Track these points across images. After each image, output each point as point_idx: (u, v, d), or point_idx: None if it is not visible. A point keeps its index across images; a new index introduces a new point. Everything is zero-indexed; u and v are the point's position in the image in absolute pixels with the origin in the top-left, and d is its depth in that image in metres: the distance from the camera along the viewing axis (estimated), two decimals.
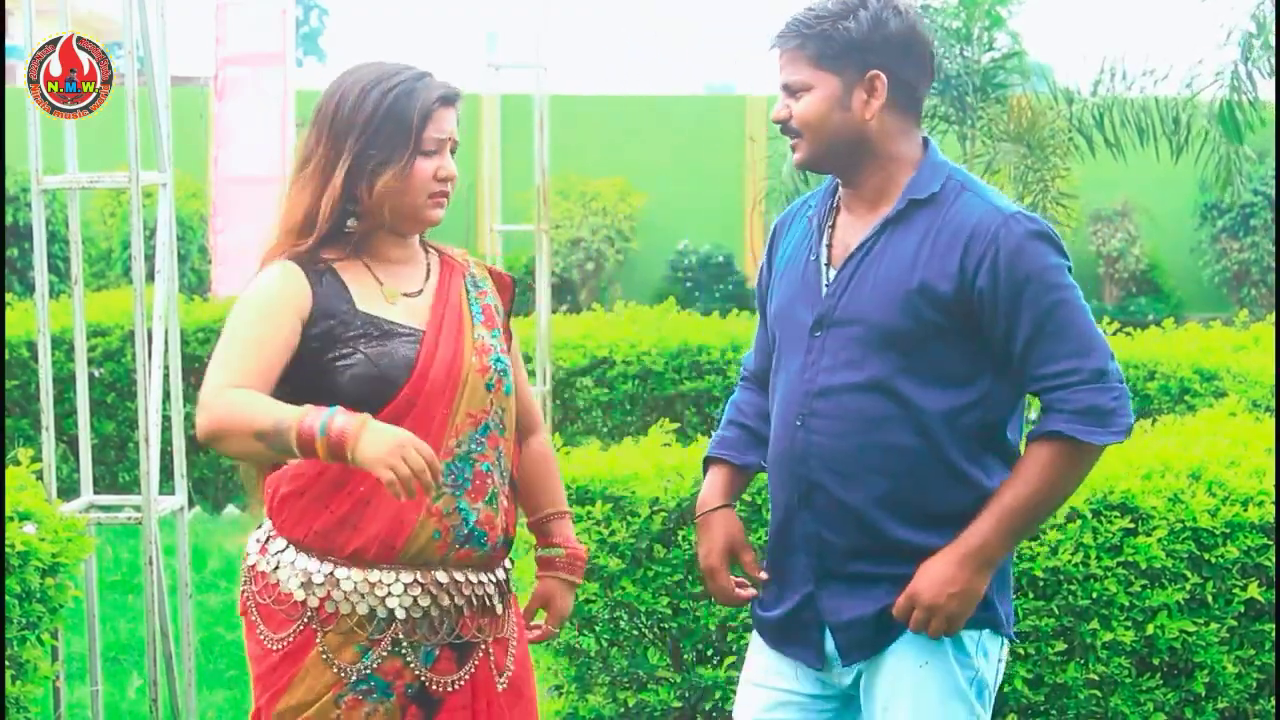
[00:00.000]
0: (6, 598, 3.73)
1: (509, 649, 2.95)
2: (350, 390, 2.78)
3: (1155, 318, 14.21)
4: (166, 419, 5.48)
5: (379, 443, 2.61)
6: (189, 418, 8.38)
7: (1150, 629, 3.96)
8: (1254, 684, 4.06)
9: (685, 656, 4.10)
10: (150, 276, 4.74)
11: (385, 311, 2.86)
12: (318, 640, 2.81)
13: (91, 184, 4.67)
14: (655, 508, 4.01)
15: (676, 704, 4.07)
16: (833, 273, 2.89)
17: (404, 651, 2.82)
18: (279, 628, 2.83)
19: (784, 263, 3.00)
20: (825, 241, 2.93)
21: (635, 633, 4.11)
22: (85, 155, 4.88)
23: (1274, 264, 15.16)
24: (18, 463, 4.11)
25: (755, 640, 3.05)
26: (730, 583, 3.01)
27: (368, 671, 2.81)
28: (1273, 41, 7.83)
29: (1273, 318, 8.20)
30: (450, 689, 2.85)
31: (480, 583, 2.89)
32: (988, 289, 2.76)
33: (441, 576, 2.85)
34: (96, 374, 8.48)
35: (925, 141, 2.95)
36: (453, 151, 2.89)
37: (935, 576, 2.78)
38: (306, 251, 2.85)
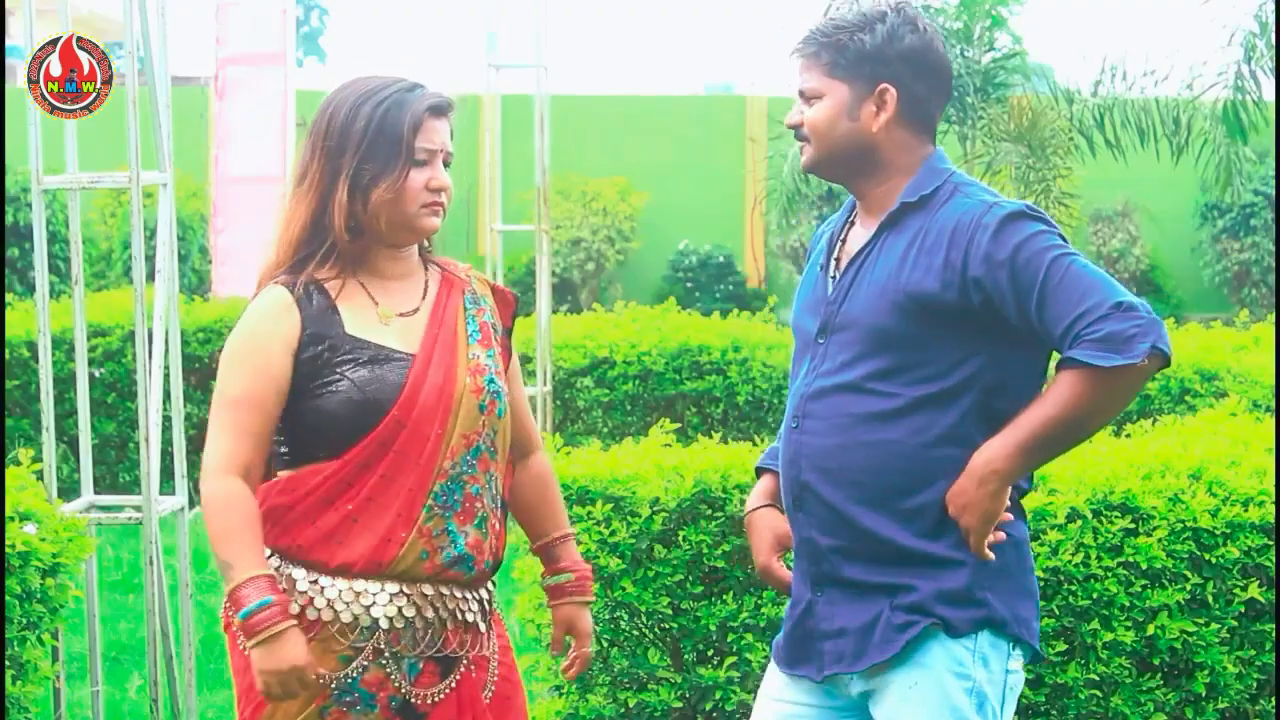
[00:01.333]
0: (7, 598, 3.73)
1: (489, 667, 2.94)
2: (337, 415, 2.80)
3: None
4: (167, 419, 5.48)
5: (274, 660, 2.71)
6: (189, 418, 8.38)
7: (1151, 629, 3.96)
8: (1254, 684, 4.06)
9: (685, 656, 4.10)
10: (150, 277, 4.74)
11: (377, 334, 2.86)
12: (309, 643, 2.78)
13: (92, 184, 4.67)
14: (655, 508, 4.01)
15: (677, 704, 4.07)
16: (835, 280, 2.94)
17: (385, 663, 2.81)
18: None
19: (805, 275, 3.07)
20: (835, 254, 2.99)
21: (635, 633, 4.11)
22: (85, 155, 4.88)
23: (1274, 264, 15.16)
24: (18, 463, 4.11)
25: (772, 659, 3.07)
26: (785, 574, 3.03)
27: (350, 681, 2.79)
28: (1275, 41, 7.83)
29: (1273, 318, 8.20)
30: (433, 701, 2.85)
31: (464, 598, 2.89)
32: (984, 275, 2.78)
33: (427, 589, 2.84)
34: (97, 374, 8.48)
35: (933, 150, 2.98)
36: (446, 164, 2.89)
37: (948, 494, 2.80)
38: (301, 271, 2.87)
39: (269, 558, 2.82)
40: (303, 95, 12.21)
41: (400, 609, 2.82)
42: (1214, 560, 3.97)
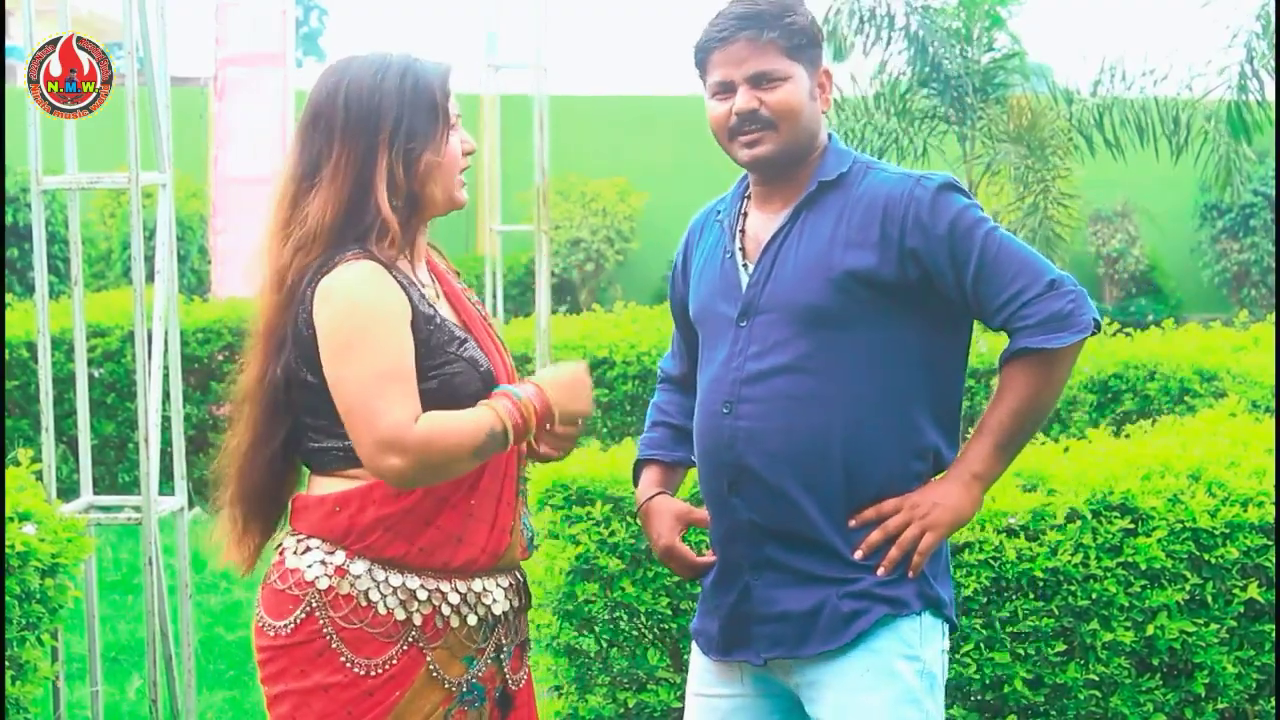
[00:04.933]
0: (6, 598, 3.73)
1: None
2: (465, 397, 2.70)
3: (1155, 318, 14.23)
4: (166, 420, 5.48)
5: (570, 393, 2.75)
6: (189, 418, 8.38)
7: (1150, 629, 3.96)
8: (1254, 684, 4.05)
9: (685, 657, 4.10)
10: (150, 277, 4.74)
11: (444, 312, 2.78)
12: (428, 657, 2.70)
13: (91, 184, 4.67)
14: None
15: (676, 704, 4.07)
16: (751, 265, 2.92)
17: (498, 656, 2.81)
18: (377, 652, 2.68)
19: (700, 265, 3.04)
20: (739, 243, 2.97)
21: (635, 633, 4.11)
22: (85, 155, 4.88)
23: (1274, 264, 15.17)
24: (18, 463, 4.11)
25: (695, 650, 3.05)
26: (690, 554, 3.01)
27: (472, 681, 2.76)
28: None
29: (1273, 318, 8.20)
30: (519, 687, 2.87)
31: (524, 580, 2.93)
32: (921, 247, 2.81)
33: (518, 575, 2.88)
34: (96, 374, 8.48)
35: (829, 134, 3.01)
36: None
37: (929, 491, 2.84)
38: (376, 254, 2.70)
39: (369, 570, 2.69)
40: (302, 96, 12.21)
41: (510, 600, 2.82)
42: (1213, 560, 3.97)
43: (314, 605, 2.68)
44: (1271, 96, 8.04)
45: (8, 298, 11.36)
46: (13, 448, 7.70)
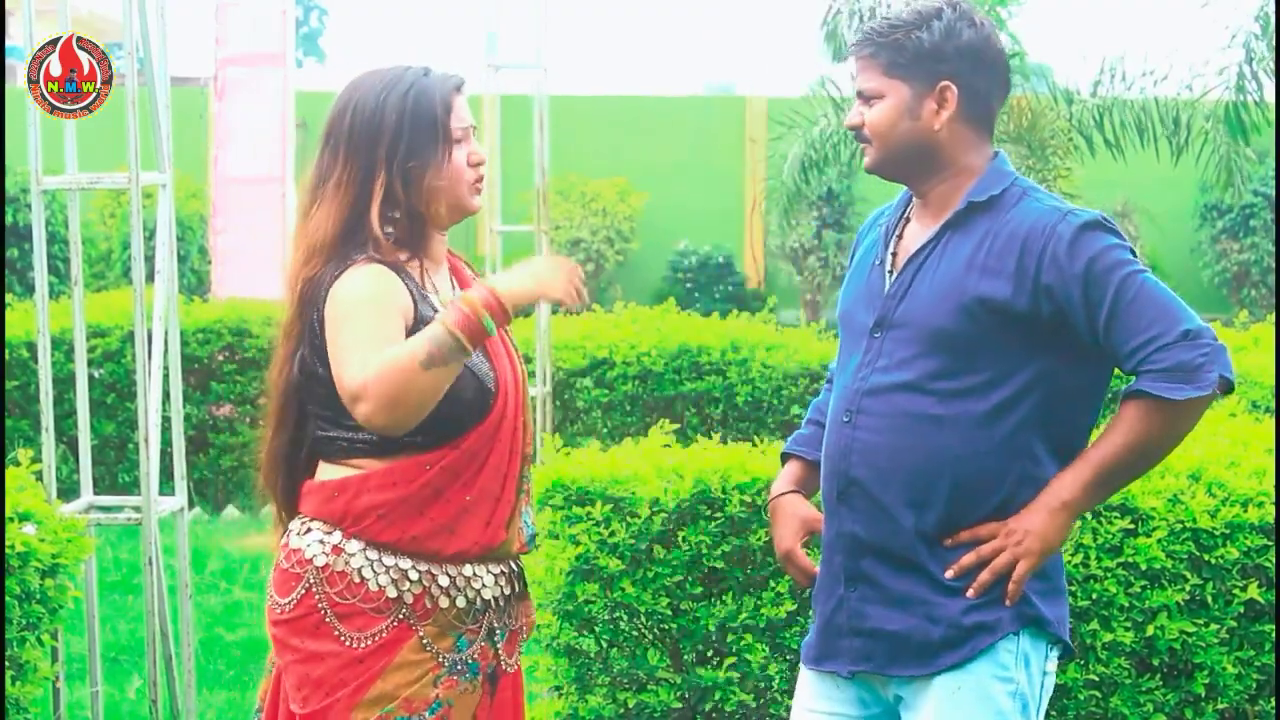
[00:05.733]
0: (6, 598, 3.73)
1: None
2: (466, 397, 2.81)
3: None
4: (166, 420, 5.48)
5: (529, 277, 2.75)
6: (189, 418, 8.38)
7: (1150, 630, 3.96)
8: (1254, 685, 4.05)
9: (685, 657, 4.10)
10: (150, 277, 4.74)
11: None
12: (419, 631, 2.84)
13: (91, 184, 4.67)
14: (655, 508, 4.01)
15: (676, 704, 4.07)
16: (894, 276, 2.92)
17: (494, 637, 2.93)
18: (366, 625, 2.83)
19: (855, 267, 3.06)
20: (891, 249, 2.97)
21: (635, 633, 4.11)
22: (85, 155, 4.87)
23: (1274, 265, 15.16)
24: (18, 463, 4.11)
25: (804, 666, 3.07)
26: (808, 562, 3.03)
27: (466, 659, 2.89)
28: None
29: (1273, 318, 8.20)
30: (507, 670, 2.98)
31: (523, 569, 3.04)
32: (1056, 284, 2.78)
33: (514, 565, 2.98)
34: (96, 375, 8.47)
35: (996, 153, 2.97)
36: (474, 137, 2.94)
37: (1022, 518, 2.80)
38: (389, 254, 2.84)
39: (364, 549, 2.82)
40: (302, 96, 12.20)
41: (502, 587, 2.93)
42: (1213, 561, 3.97)
43: (312, 582, 2.85)
44: (1271, 97, 8.04)
45: (8, 298, 11.36)
46: (13, 448, 7.69)
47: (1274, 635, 4.01)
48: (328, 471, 2.89)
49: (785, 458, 3.16)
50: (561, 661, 4.14)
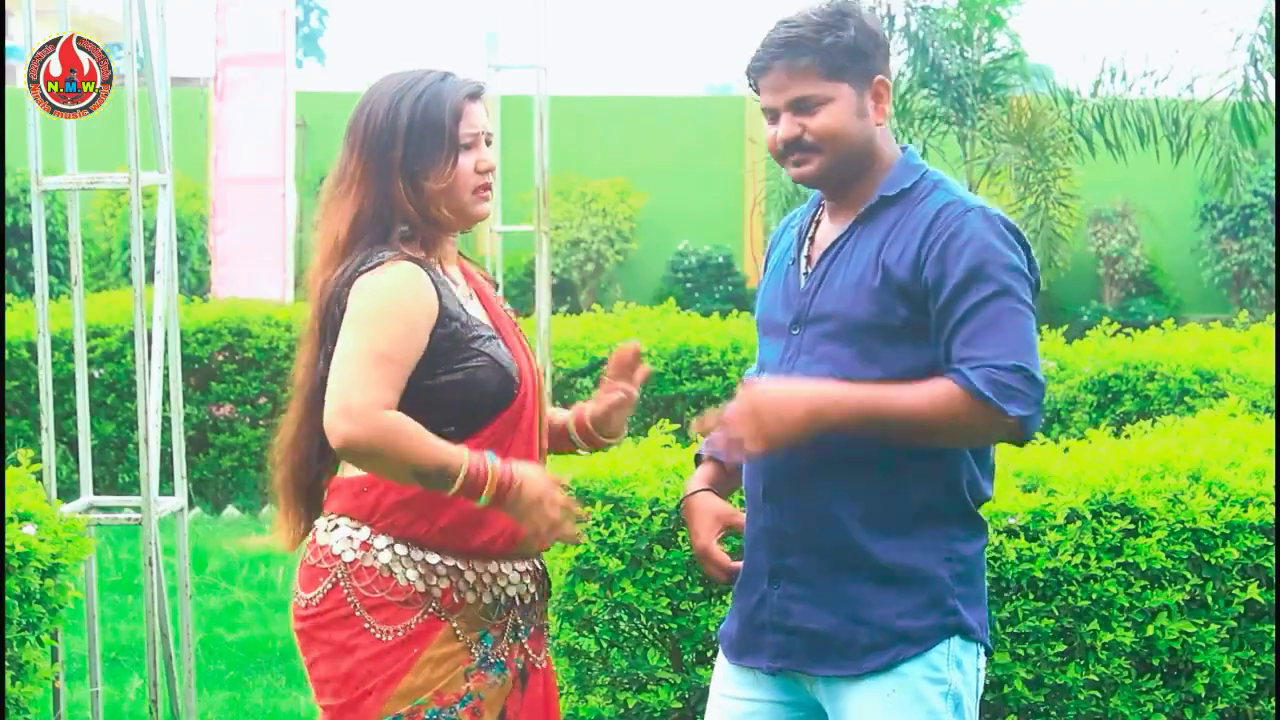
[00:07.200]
0: (6, 598, 3.72)
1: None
2: (484, 390, 2.85)
3: (1155, 319, 14.23)
4: (166, 420, 5.48)
5: (533, 493, 2.78)
6: (189, 419, 8.38)
7: (1150, 630, 3.96)
8: (1254, 685, 4.05)
9: (685, 657, 4.10)
10: (150, 277, 4.74)
11: (476, 311, 2.94)
12: (451, 622, 2.86)
13: (91, 185, 4.67)
14: (655, 508, 4.01)
15: (676, 705, 4.07)
16: (809, 273, 2.93)
17: (520, 634, 2.95)
18: (395, 618, 2.84)
19: (770, 272, 3.07)
20: (805, 251, 2.98)
21: (635, 633, 4.11)
22: (85, 156, 4.88)
23: (1274, 265, 15.17)
24: (18, 464, 4.11)
25: (720, 652, 3.06)
26: (725, 557, 3.02)
27: (489, 654, 2.91)
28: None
29: (1273, 318, 8.20)
30: (537, 666, 3.00)
31: (546, 568, 3.06)
32: (934, 277, 2.76)
33: (538, 563, 3.01)
34: (96, 375, 8.48)
35: (904, 147, 2.98)
36: (488, 144, 2.96)
37: (776, 396, 2.73)
38: (413, 254, 2.87)
39: (392, 544, 2.86)
40: (302, 96, 12.21)
41: (528, 585, 2.96)
42: (1213, 561, 3.97)
43: (339, 577, 2.86)
44: (1272, 98, 8.05)
45: (8, 298, 11.35)
46: (13, 448, 7.69)
47: (1274, 635, 4.01)
48: (354, 468, 2.91)
49: (699, 460, 3.15)
50: (561, 661, 4.14)
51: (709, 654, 4.12)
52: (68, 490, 5.25)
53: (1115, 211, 16.06)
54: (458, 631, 2.87)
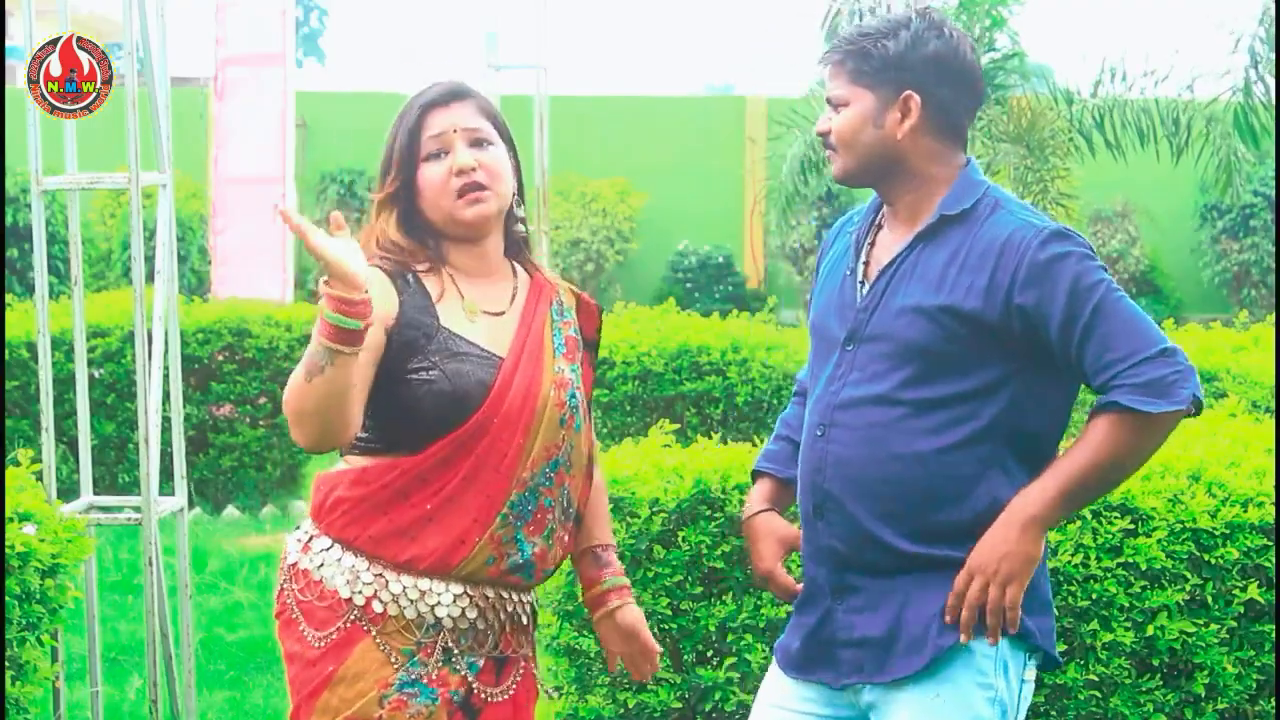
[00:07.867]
0: (6, 598, 3.73)
1: (534, 665, 3.02)
2: (426, 405, 2.81)
3: (1155, 318, 14.22)
4: (166, 420, 5.48)
5: (337, 272, 2.67)
6: (189, 418, 8.38)
7: (1150, 630, 3.96)
8: (1254, 685, 4.05)
9: (685, 657, 4.10)
10: (150, 277, 4.74)
11: (466, 329, 2.88)
12: (373, 634, 2.81)
13: (91, 185, 4.67)
14: (655, 509, 4.01)
15: (676, 705, 4.07)
16: (866, 288, 2.91)
17: (449, 660, 2.85)
18: (322, 625, 2.84)
19: (824, 277, 3.04)
20: (863, 258, 2.96)
21: None
22: (85, 156, 4.88)
23: (1274, 265, 15.17)
24: (18, 464, 4.11)
25: (774, 666, 3.05)
26: (789, 580, 3.02)
27: (414, 677, 2.82)
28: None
29: (1273, 318, 8.20)
30: (492, 700, 2.90)
31: (520, 601, 2.94)
32: (1030, 304, 2.77)
33: (489, 592, 2.89)
34: (96, 375, 8.47)
35: (967, 161, 2.95)
36: (478, 144, 2.94)
37: (985, 543, 2.78)
38: (395, 260, 2.90)
39: (328, 549, 2.85)
40: (302, 96, 12.20)
41: (464, 610, 2.86)
42: (1213, 561, 3.97)
43: (284, 579, 2.92)
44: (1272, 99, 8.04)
45: (8, 298, 11.35)
46: (13, 448, 7.69)
47: (1274, 635, 4.01)
48: (342, 462, 2.94)
49: (756, 475, 3.14)
50: (561, 661, 4.14)
51: (709, 654, 4.12)
52: (68, 490, 5.25)
53: (1115, 211, 16.06)
54: (380, 645, 2.82)
